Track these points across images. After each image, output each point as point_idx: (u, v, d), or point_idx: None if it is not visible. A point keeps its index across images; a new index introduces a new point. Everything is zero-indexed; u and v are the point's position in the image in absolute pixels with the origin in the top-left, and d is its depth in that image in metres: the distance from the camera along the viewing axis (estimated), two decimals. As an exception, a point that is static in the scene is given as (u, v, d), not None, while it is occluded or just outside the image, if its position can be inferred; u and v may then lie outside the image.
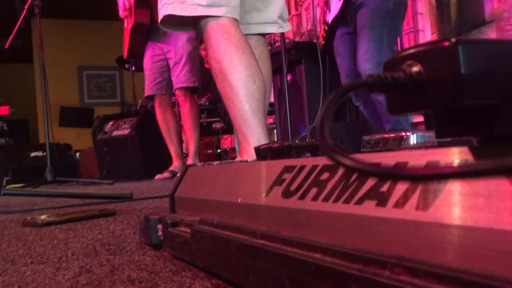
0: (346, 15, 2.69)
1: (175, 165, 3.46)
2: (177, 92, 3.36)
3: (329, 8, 2.80)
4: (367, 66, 2.46)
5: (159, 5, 1.63)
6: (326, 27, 2.86)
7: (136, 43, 3.33)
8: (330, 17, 2.79)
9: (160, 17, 1.62)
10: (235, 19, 1.57)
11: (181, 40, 3.30)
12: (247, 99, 1.52)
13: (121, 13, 3.31)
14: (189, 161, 3.33)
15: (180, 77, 3.29)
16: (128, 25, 3.34)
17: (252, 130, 1.53)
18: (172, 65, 3.34)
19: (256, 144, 1.60)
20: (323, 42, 2.91)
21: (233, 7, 1.57)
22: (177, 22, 1.61)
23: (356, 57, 2.56)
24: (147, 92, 3.51)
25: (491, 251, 0.24)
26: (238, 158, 1.58)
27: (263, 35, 1.82)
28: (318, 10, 3.66)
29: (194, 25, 1.61)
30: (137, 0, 3.20)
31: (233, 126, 1.68)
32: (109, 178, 3.31)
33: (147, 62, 3.45)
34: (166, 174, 3.35)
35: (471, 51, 0.27)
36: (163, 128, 3.47)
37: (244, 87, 1.52)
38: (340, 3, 2.66)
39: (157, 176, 3.37)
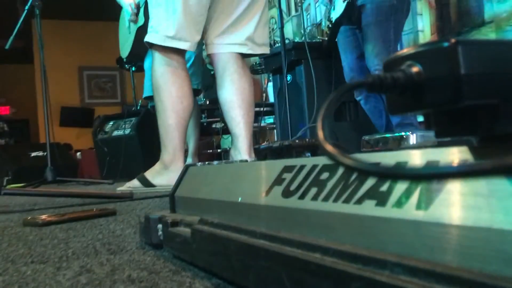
0: (350, 16, 2.72)
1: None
2: None
3: (333, 5, 2.82)
4: (375, 61, 2.52)
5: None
6: (330, 24, 2.88)
7: (141, 44, 3.27)
8: (334, 16, 2.81)
9: (144, 40, 1.97)
10: (183, 52, 1.94)
11: None
12: (173, 115, 1.87)
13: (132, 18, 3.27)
14: (189, 160, 3.32)
15: None
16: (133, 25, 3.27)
17: (171, 140, 1.89)
18: None
19: (171, 152, 1.90)
20: (326, 39, 2.95)
21: (195, 43, 1.93)
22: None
23: (365, 54, 2.62)
24: (147, 93, 3.48)
25: (490, 251, 0.24)
26: (158, 164, 1.98)
27: (239, 54, 2.06)
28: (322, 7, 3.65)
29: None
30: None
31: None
32: (110, 178, 3.30)
33: (149, 62, 3.43)
34: None
35: (471, 52, 0.27)
36: None
37: (171, 105, 1.87)
38: (344, 4, 2.69)
39: None
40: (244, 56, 2.08)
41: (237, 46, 2.03)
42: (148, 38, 1.93)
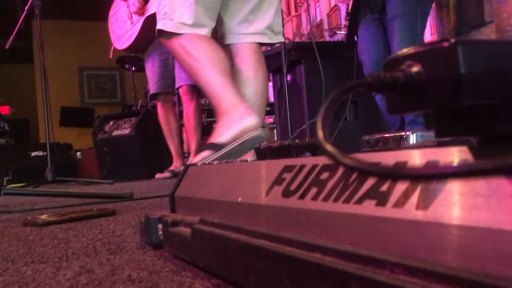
0: (371, 5, 2.59)
1: (176, 164, 3.46)
2: (182, 90, 3.30)
3: None
4: None
5: (157, 17, 1.85)
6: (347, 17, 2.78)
7: (148, 34, 3.10)
8: (350, 4, 2.69)
9: (156, 28, 1.84)
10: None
11: None
12: (214, 64, 1.72)
13: (134, 10, 3.10)
14: (190, 160, 3.32)
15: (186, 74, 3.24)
16: (143, 14, 3.11)
17: (221, 88, 1.72)
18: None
19: (231, 98, 1.73)
20: (346, 32, 2.83)
21: (211, 29, 1.83)
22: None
23: (390, 48, 2.48)
24: (153, 90, 3.46)
25: (490, 251, 0.24)
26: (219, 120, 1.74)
27: (257, 44, 2.00)
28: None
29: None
30: None
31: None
32: (110, 178, 3.30)
33: (154, 60, 3.40)
34: (166, 174, 3.35)
35: (471, 52, 0.27)
36: (164, 128, 3.46)
37: (208, 57, 1.73)
38: None
39: (157, 175, 3.36)
40: (261, 44, 2.03)
41: (258, 36, 1.97)
42: (161, 26, 1.80)
